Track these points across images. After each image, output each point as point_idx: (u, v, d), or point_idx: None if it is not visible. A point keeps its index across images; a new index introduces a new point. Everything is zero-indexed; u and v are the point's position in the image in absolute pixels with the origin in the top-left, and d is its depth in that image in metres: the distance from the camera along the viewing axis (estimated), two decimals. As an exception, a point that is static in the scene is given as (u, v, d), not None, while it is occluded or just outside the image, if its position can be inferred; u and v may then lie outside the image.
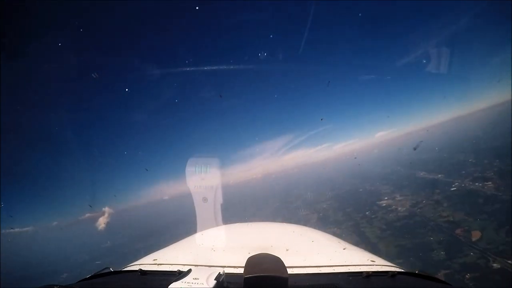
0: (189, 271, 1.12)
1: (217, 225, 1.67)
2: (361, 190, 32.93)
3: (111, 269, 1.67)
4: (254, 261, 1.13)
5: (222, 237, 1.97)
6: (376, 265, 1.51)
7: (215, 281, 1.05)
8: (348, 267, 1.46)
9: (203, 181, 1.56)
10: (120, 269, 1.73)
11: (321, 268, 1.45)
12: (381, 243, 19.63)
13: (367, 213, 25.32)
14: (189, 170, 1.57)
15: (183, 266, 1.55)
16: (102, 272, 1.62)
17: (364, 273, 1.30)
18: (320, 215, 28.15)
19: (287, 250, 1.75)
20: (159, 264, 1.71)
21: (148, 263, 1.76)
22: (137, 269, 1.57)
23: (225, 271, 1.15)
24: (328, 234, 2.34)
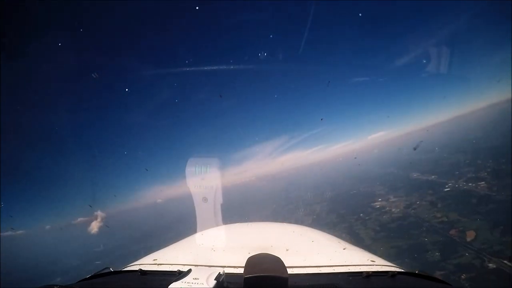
0: (189, 271, 1.12)
1: (217, 225, 1.67)
2: (355, 191, 32.77)
3: (111, 269, 1.66)
4: (254, 261, 1.13)
5: (222, 237, 1.96)
6: (376, 265, 1.51)
7: (215, 281, 1.05)
8: (348, 267, 1.46)
9: (202, 181, 1.56)
10: (120, 269, 1.73)
11: (321, 268, 1.45)
12: (375, 244, 19.54)
13: (361, 214, 25.21)
14: (189, 170, 1.57)
15: (183, 266, 1.55)
16: (102, 272, 1.62)
17: (364, 273, 1.30)
18: (314, 217, 27.96)
19: (287, 250, 1.75)
20: (159, 264, 1.71)
21: (148, 263, 1.76)
22: (137, 269, 1.57)
23: (225, 271, 1.15)
24: (328, 234, 2.34)
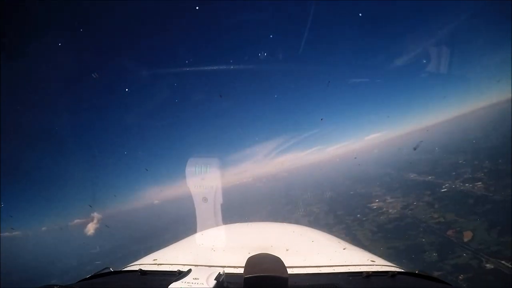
0: (189, 271, 1.12)
1: (217, 225, 1.67)
2: (352, 192, 32.73)
3: (111, 269, 1.66)
4: (254, 261, 1.13)
5: (222, 237, 1.96)
6: (376, 265, 1.50)
7: (215, 281, 1.05)
8: (348, 267, 1.46)
9: (202, 181, 1.56)
10: (120, 269, 1.73)
11: (321, 268, 1.45)
12: (372, 245, 19.41)
13: (358, 215, 25.14)
14: (189, 170, 1.57)
15: (183, 266, 1.55)
16: (102, 272, 1.62)
17: (364, 273, 1.30)
18: (311, 218, 27.89)
19: (287, 250, 1.75)
20: (159, 264, 1.71)
21: (148, 263, 1.76)
22: (137, 269, 1.57)
23: (225, 271, 1.15)
24: (328, 234, 2.34)
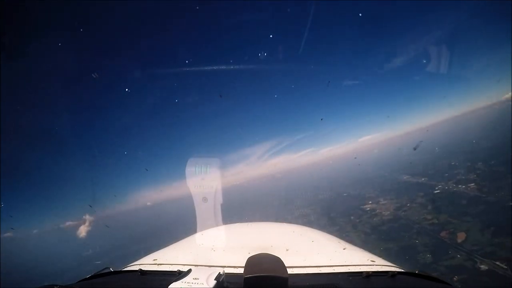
0: (189, 271, 1.12)
1: (217, 225, 1.67)
2: (345, 194, 32.66)
3: (111, 269, 1.66)
4: (254, 261, 1.13)
5: (222, 237, 1.96)
6: (376, 265, 1.50)
7: (215, 281, 1.05)
8: (348, 267, 1.46)
9: (202, 181, 1.56)
10: (120, 269, 1.73)
11: (321, 268, 1.45)
12: (366, 247, 19.35)
13: (351, 217, 25.11)
14: (189, 170, 1.57)
15: (183, 266, 1.55)
16: (102, 272, 1.62)
17: (364, 273, 1.30)
18: (304, 220, 27.70)
19: (287, 250, 1.75)
20: (159, 264, 1.71)
21: (148, 263, 1.76)
22: (137, 269, 1.57)
23: (225, 271, 1.15)
24: (328, 234, 2.34)
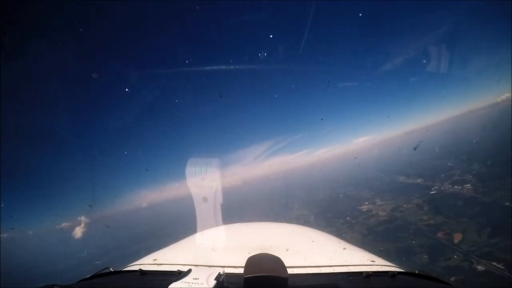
0: (189, 271, 1.12)
1: (217, 225, 1.67)
2: (341, 195, 32.70)
3: (111, 269, 1.66)
4: (254, 261, 1.13)
5: (222, 237, 1.96)
6: (376, 265, 1.50)
7: (215, 281, 1.05)
8: (348, 267, 1.46)
9: (202, 181, 1.56)
10: (120, 269, 1.73)
11: (321, 268, 1.45)
12: (362, 248, 19.40)
13: (348, 218, 25.12)
14: (189, 170, 1.57)
15: (183, 266, 1.55)
16: (102, 272, 1.62)
17: (364, 273, 1.30)
18: (300, 221, 27.55)
19: (287, 250, 1.75)
20: (159, 264, 1.71)
21: (148, 263, 1.76)
22: (137, 269, 1.57)
23: (225, 271, 1.15)
24: (328, 234, 2.34)
